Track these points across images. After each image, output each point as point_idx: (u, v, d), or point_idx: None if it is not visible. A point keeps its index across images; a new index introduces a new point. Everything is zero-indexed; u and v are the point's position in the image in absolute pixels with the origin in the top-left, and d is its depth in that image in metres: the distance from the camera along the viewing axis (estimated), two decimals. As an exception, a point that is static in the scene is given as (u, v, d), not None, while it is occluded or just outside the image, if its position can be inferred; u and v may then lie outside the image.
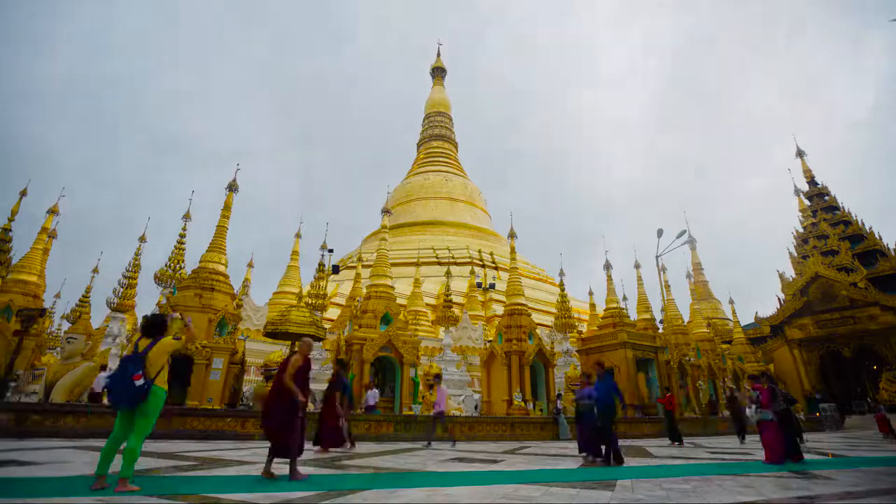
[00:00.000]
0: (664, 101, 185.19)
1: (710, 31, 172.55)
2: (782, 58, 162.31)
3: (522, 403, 17.07)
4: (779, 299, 33.73)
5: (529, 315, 20.18)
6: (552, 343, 23.82)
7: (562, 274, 34.22)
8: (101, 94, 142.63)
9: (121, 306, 26.28)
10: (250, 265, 34.32)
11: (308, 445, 7.92)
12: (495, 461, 7.40)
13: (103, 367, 15.75)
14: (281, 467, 5.13)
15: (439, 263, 46.61)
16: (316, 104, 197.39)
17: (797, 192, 37.17)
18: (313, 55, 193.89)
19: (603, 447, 7.26)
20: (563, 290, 33.73)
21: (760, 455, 7.91)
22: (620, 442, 7.87)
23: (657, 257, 23.08)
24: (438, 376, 12.84)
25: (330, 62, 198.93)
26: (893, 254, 29.93)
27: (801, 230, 35.39)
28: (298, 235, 35.08)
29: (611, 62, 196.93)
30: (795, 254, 34.74)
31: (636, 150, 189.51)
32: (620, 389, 7.93)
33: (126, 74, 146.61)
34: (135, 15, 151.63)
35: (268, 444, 5.12)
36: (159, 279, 27.51)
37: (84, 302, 28.50)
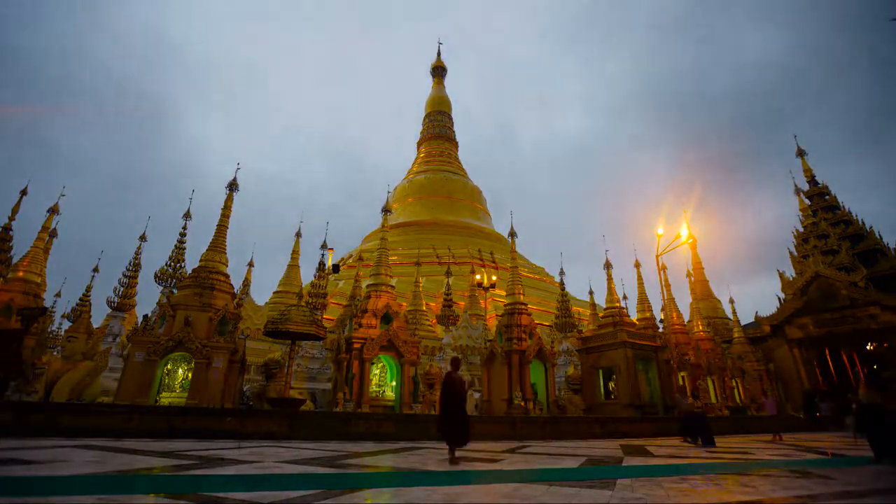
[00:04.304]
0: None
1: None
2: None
3: (522, 402, 17.09)
4: (779, 299, 33.72)
5: (529, 314, 20.19)
6: (552, 342, 23.82)
7: (562, 273, 34.23)
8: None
9: (121, 305, 26.31)
10: (250, 265, 34.36)
11: None
12: (495, 460, 7.40)
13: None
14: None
15: (439, 263, 46.61)
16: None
17: (797, 191, 37.17)
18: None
19: None
20: (563, 289, 33.73)
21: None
22: (620, 441, 7.86)
23: (657, 257, 23.06)
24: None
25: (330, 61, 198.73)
26: (894, 253, 29.93)
27: (801, 229, 35.40)
28: (298, 235, 35.10)
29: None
30: (796, 253, 34.73)
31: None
32: (621, 388, 7.90)
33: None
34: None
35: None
36: (160, 278, 27.54)
37: (84, 301, 28.53)
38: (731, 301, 34.73)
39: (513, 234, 22.02)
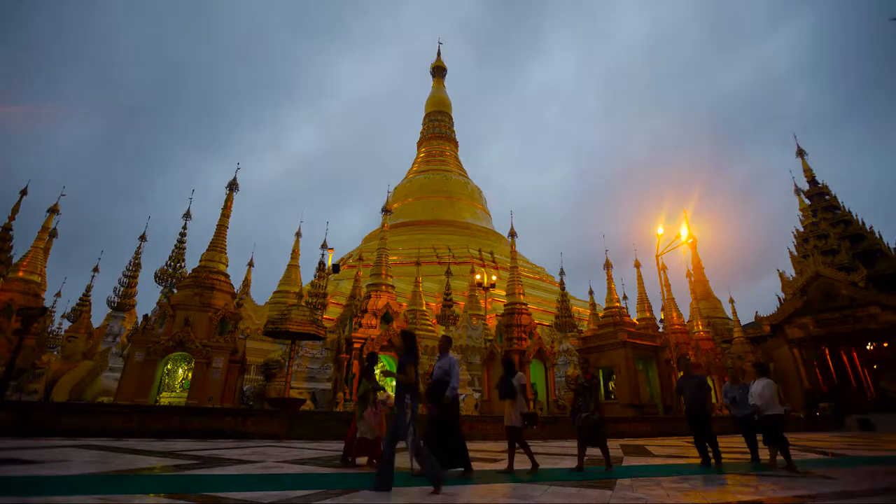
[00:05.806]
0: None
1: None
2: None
3: (522, 402, 17.08)
4: (779, 298, 33.72)
5: (529, 314, 20.20)
6: (552, 342, 23.84)
7: (562, 273, 34.24)
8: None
9: (121, 305, 26.30)
10: (250, 265, 34.37)
11: None
12: (495, 460, 7.41)
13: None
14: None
15: (439, 262, 46.61)
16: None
17: (798, 191, 37.17)
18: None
19: None
20: (563, 289, 33.75)
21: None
22: (620, 441, 7.84)
23: (657, 256, 23.05)
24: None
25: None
26: (894, 253, 29.93)
27: (801, 229, 35.39)
28: (298, 235, 35.10)
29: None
30: (796, 253, 34.73)
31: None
32: (621, 388, 7.86)
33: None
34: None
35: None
36: (160, 278, 27.54)
37: (85, 301, 28.53)
38: (731, 301, 34.77)
39: (513, 234, 22.03)
